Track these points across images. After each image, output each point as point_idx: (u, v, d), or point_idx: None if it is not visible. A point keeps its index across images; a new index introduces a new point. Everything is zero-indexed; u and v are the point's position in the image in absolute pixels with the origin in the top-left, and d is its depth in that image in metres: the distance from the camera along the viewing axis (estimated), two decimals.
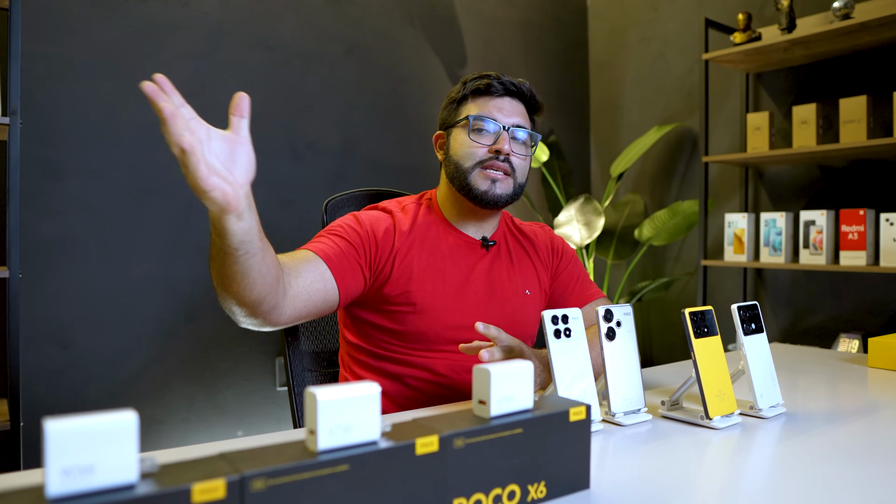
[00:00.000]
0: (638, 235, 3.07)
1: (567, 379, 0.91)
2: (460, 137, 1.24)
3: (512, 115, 1.24)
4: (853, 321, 2.61)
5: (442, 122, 1.31)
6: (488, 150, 1.21)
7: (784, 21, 2.50)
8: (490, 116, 1.22)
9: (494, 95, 1.24)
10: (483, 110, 1.23)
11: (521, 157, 1.24)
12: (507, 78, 1.25)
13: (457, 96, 1.28)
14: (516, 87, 1.25)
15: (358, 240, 1.18)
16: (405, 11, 2.92)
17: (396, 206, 1.28)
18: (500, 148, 1.20)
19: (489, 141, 1.22)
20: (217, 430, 2.44)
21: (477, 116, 1.22)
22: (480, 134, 1.23)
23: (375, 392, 0.59)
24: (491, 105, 1.23)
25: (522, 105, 1.27)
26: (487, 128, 1.22)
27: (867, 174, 2.57)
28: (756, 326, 1.04)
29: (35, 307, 2.10)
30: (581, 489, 0.70)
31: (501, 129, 1.22)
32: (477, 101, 1.25)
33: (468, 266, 1.25)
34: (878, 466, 0.80)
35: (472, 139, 1.22)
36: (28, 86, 2.04)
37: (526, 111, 1.28)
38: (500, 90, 1.24)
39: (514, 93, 1.25)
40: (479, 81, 1.25)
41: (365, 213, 1.25)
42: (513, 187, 1.24)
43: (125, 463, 0.47)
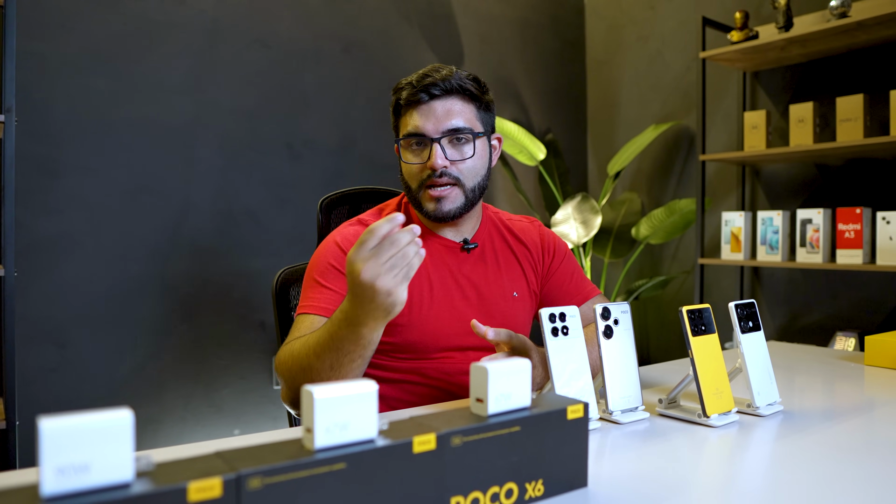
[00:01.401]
0: (635, 234, 3.07)
1: (564, 377, 0.91)
2: (402, 157, 1.19)
3: (443, 120, 1.14)
4: (849, 319, 2.61)
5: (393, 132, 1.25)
6: (423, 167, 1.15)
7: (781, 19, 2.50)
8: (416, 132, 1.15)
9: (422, 103, 1.15)
10: (411, 125, 1.15)
11: (462, 161, 1.16)
12: (429, 80, 1.14)
13: (392, 107, 1.21)
14: (441, 87, 1.14)
15: None
16: (402, 9, 2.91)
17: (375, 218, 1.23)
18: (433, 164, 1.13)
19: (423, 157, 1.15)
20: (213, 429, 2.43)
21: (405, 136, 1.16)
22: (415, 151, 1.17)
23: (372, 390, 0.58)
24: (417, 116, 1.15)
25: (457, 99, 1.16)
26: (420, 143, 1.16)
27: (864, 173, 2.58)
28: (753, 324, 1.04)
29: (30, 305, 2.10)
30: (579, 487, 0.70)
31: (431, 142, 1.14)
32: (408, 112, 1.17)
33: (452, 272, 1.22)
34: (875, 464, 0.80)
35: (406, 161, 1.17)
36: (23, 83, 2.03)
37: (466, 102, 1.17)
38: (424, 98, 1.14)
39: (441, 94, 1.15)
40: (401, 93, 1.17)
41: (346, 235, 1.18)
42: (463, 197, 1.17)
43: (121, 461, 0.47)
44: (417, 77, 1.17)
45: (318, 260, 1.17)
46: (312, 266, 1.17)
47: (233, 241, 2.48)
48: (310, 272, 1.17)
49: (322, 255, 1.17)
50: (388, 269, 0.85)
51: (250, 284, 2.50)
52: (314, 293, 1.13)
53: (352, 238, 1.17)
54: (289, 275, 1.41)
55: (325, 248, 1.18)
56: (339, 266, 1.14)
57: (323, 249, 1.18)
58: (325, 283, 1.13)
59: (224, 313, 2.46)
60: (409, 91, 1.16)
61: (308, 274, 1.17)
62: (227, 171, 2.47)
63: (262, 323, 2.53)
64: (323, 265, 1.15)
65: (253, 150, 2.52)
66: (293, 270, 1.42)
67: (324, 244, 1.19)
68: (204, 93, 2.42)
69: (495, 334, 1.00)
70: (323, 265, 1.15)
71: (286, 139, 2.60)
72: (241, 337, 2.50)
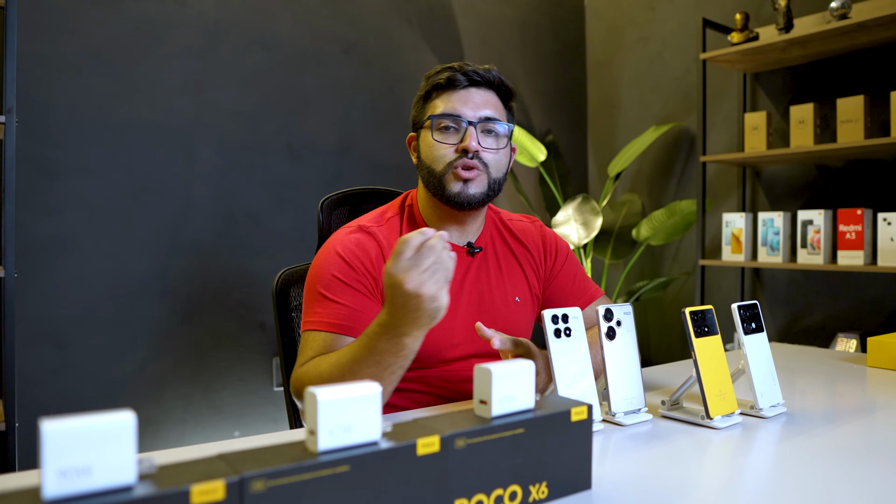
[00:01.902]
0: (636, 235, 3.07)
1: (567, 378, 0.91)
2: (427, 139, 1.17)
3: (480, 108, 1.15)
4: (851, 321, 2.61)
5: (412, 123, 1.23)
6: (455, 149, 1.14)
7: (781, 21, 2.50)
8: (454, 112, 1.14)
9: (459, 88, 1.15)
10: (447, 106, 1.15)
11: (493, 152, 1.16)
12: (471, 67, 1.16)
13: (422, 93, 1.20)
14: (481, 76, 1.16)
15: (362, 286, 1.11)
16: (402, 10, 2.91)
17: (378, 223, 1.19)
18: (468, 146, 1.12)
19: (456, 139, 1.14)
20: (214, 431, 2.43)
21: (439, 115, 1.14)
22: (446, 133, 1.15)
23: (376, 392, 0.58)
24: (455, 99, 1.15)
25: (493, 94, 1.18)
26: (453, 125, 1.14)
27: (864, 174, 2.58)
28: (756, 326, 1.04)
29: (31, 307, 2.09)
30: (582, 489, 0.70)
31: (467, 124, 1.14)
32: (441, 96, 1.16)
33: (457, 279, 1.20)
34: (878, 466, 0.79)
35: (437, 140, 1.15)
36: (24, 84, 2.03)
37: (498, 100, 1.19)
38: (464, 82, 1.15)
39: (481, 82, 1.16)
40: (440, 76, 1.16)
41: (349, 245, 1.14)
42: (487, 184, 1.16)
43: (123, 464, 0.47)
44: (458, 63, 1.18)
45: (320, 271, 1.13)
46: (315, 277, 1.13)
47: (233, 241, 2.48)
48: (312, 284, 1.13)
49: (324, 267, 1.13)
50: (430, 276, 0.86)
51: (250, 285, 2.50)
52: (321, 308, 1.09)
53: (353, 246, 1.13)
54: (289, 276, 1.40)
55: (327, 259, 1.14)
56: (344, 278, 1.11)
57: (324, 260, 1.14)
58: (331, 296, 1.10)
59: (224, 314, 2.46)
60: (449, 73, 1.16)
61: (310, 285, 1.13)
62: (227, 172, 2.46)
63: (262, 324, 2.53)
64: (327, 277, 1.11)
65: (253, 150, 2.52)
66: (293, 271, 1.42)
67: (324, 253, 1.15)
68: (204, 94, 2.42)
69: (500, 342, 0.99)
70: (327, 277, 1.11)
71: (286, 140, 2.60)
72: (242, 338, 2.50)
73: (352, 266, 1.11)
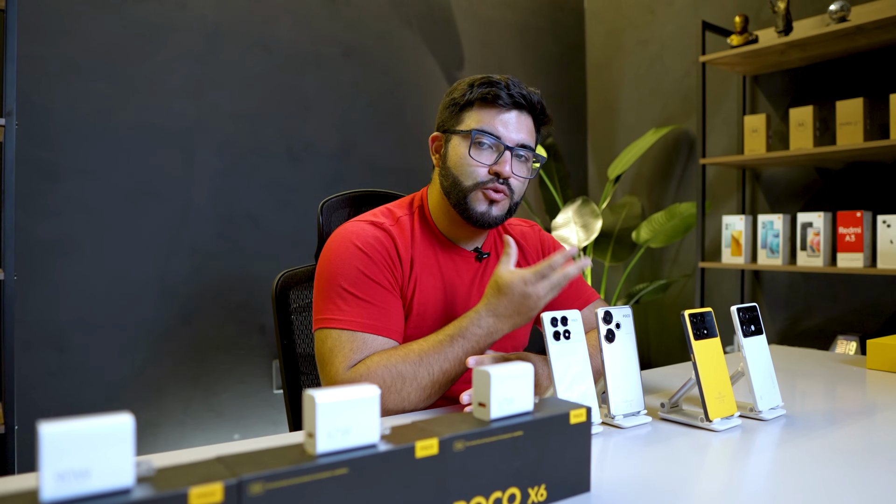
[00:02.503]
0: (635, 237, 3.07)
1: (566, 381, 0.91)
2: (460, 150, 1.14)
3: (518, 132, 1.14)
4: (850, 323, 2.61)
5: (441, 124, 1.20)
6: (489, 170, 1.12)
7: (781, 24, 2.50)
8: (494, 132, 1.12)
9: (502, 107, 1.13)
10: (487, 123, 1.12)
11: (522, 178, 1.16)
12: (516, 89, 1.13)
13: (460, 100, 1.16)
14: (526, 99, 1.14)
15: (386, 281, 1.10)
16: (403, 13, 2.92)
17: (390, 220, 1.18)
18: (501, 171, 1.11)
19: (490, 159, 1.13)
20: (213, 433, 2.43)
21: (480, 130, 1.12)
22: (481, 150, 1.13)
23: (375, 394, 0.58)
24: (496, 119, 1.13)
25: (531, 118, 1.17)
26: (490, 144, 1.13)
27: (864, 176, 2.58)
28: (755, 328, 1.04)
29: (30, 309, 2.09)
30: (581, 492, 0.70)
31: (505, 149, 1.12)
32: (482, 111, 1.13)
33: (466, 283, 1.21)
34: (878, 468, 0.79)
35: (472, 157, 1.12)
36: (24, 87, 2.03)
37: (534, 125, 1.18)
38: (508, 103, 1.13)
39: (523, 106, 1.14)
40: (486, 90, 1.13)
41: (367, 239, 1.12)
42: (508, 207, 1.16)
43: (121, 467, 0.47)
44: (504, 79, 1.15)
45: (341, 265, 1.10)
46: (335, 271, 1.10)
47: (233, 244, 2.48)
48: (333, 278, 1.09)
49: (346, 260, 1.10)
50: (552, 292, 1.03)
51: (250, 288, 2.50)
52: (351, 306, 1.07)
53: (371, 240, 1.12)
54: (289, 278, 1.40)
55: (347, 251, 1.11)
56: (369, 273, 1.09)
57: (344, 252, 1.11)
58: (359, 294, 1.08)
59: (224, 317, 2.46)
60: (495, 90, 1.13)
61: (331, 279, 1.10)
62: (227, 175, 2.46)
63: (262, 327, 2.53)
64: (351, 272, 1.09)
65: (253, 153, 2.52)
66: (293, 274, 1.42)
67: (341, 246, 1.12)
68: (204, 96, 2.42)
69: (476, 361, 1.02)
70: (351, 272, 1.09)
71: (286, 143, 2.60)
72: (241, 341, 2.49)
73: (374, 260, 1.10)
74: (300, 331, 1.40)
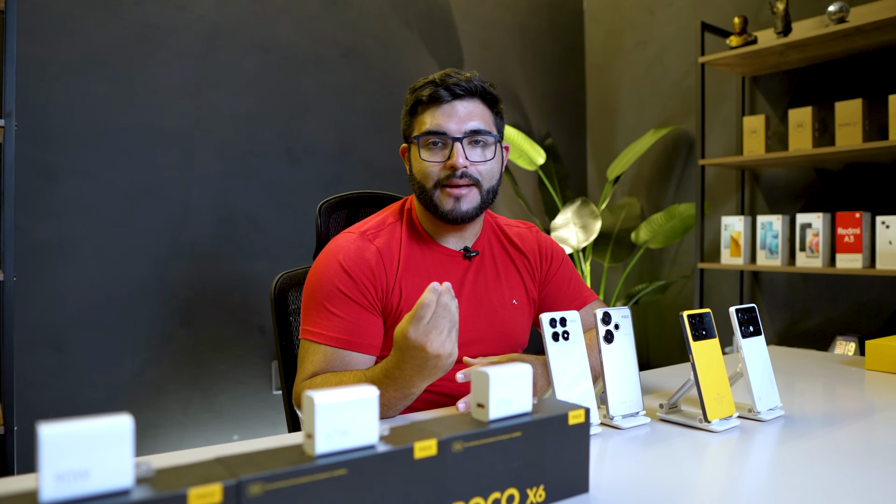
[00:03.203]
0: (635, 238, 3.07)
1: (565, 382, 0.91)
2: (416, 155, 1.17)
3: (465, 120, 1.14)
4: (849, 324, 2.61)
5: (402, 134, 1.24)
6: (443, 166, 1.14)
7: (780, 25, 2.50)
8: (438, 129, 1.14)
9: (443, 102, 1.15)
10: (431, 123, 1.14)
11: (482, 163, 1.16)
12: (452, 80, 1.15)
13: (408, 108, 1.20)
14: (464, 87, 1.15)
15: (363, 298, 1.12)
16: (402, 14, 2.92)
17: (380, 227, 1.20)
18: (455, 163, 1.12)
19: (443, 156, 1.14)
20: (212, 434, 2.43)
21: (425, 133, 1.15)
22: (433, 150, 1.15)
23: (374, 395, 0.58)
24: (439, 115, 1.14)
25: (478, 102, 1.17)
26: (439, 141, 1.14)
27: (863, 177, 2.58)
28: (754, 329, 1.04)
29: (29, 310, 2.09)
30: (580, 493, 0.70)
31: (452, 141, 1.14)
32: (427, 111, 1.16)
33: (454, 281, 1.20)
34: (876, 469, 0.79)
35: (425, 158, 1.15)
36: (23, 88, 2.03)
37: (484, 107, 1.18)
38: (447, 97, 1.14)
39: (464, 94, 1.16)
40: (422, 91, 1.16)
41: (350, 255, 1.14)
42: (480, 198, 1.16)
43: (120, 467, 0.47)
44: (440, 76, 1.16)
45: (322, 281, 1.13)
46: (316, 286, 1.13)
47: (232, 245, 2.48)
48: (314, 292, 1.13)
49: (327, 277, 1.13)
50: (447, 336, 0.92)
51: (249, 289, 2.50)
52: (323, 320, 1.10)
53: (354, 255, 1.14)
54: (287, 279, 1.41)
55: (329, 269, 1.14)
56: (345, 290, 1.11)
57: (326, 269, 1.14)
58: (333, 309, 1.11)
59: (223, 318, 2.46)
60: (431, 89, 1.15)
61: (311, 293, 1.14)
62: (226, 176, 2.47)
63: (261, 327, 2.53)
64: (329, 288, 1.12)
65: (252, 154, 2.52)
66: (292, 275, 1.42)
67: (326, 262, 1.15)
68: (204, 97, 2.42)
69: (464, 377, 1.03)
70: (329, 288, 1.12)
71: (286, 144, 2.60)
72: (241, 342, 2.49)
73: (353, 277, 1.12)
74: (298, 332, 1.40)
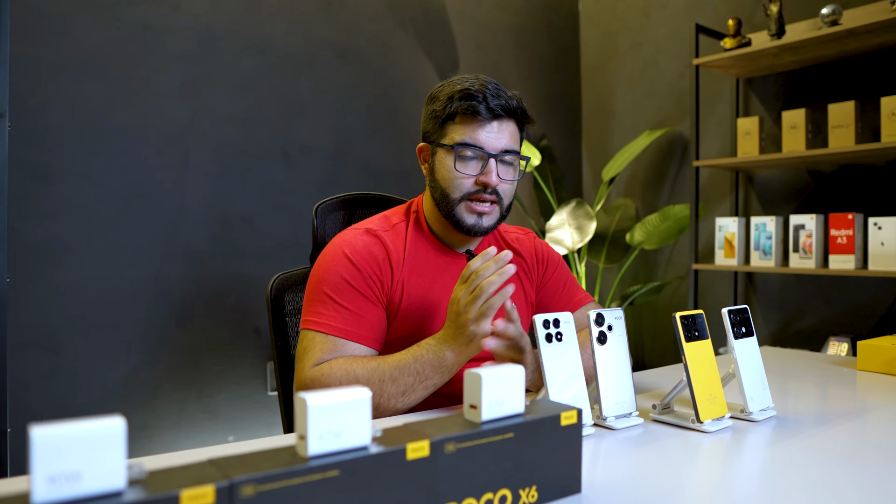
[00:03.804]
0: (629, 239, 3.08)
1: (558, 383, 0.91)
2: (446, 163, 1.16)
3: (500, 140, 1.15)
4: (842, 324, 2.62)
5: (425, 135, 1.22)
6: (475, 181, 1.15)
7: (773, 27, 2.51)
8: (477, 144, 1.14)
9: (482, 120, 1.15)
10: (469, 136, 1.14)
11: (510, 183, 1.19)
12: (495, 101, 1.14)
13: (441, 113, 1.17)
14: (504, 108, 1.16)
15: (369, 291, 1.13)
16: (397, 16, 2.92)
17: (385, 227, 1.21)
18: (488, 181, 1.14)
19: (475, 170, 1.15)
20: (208, 436, 2.42)
21: (462, 144, 1.14)
22: (466, 163, 1.15)
23: (366, 397, 0.58)
24: (478, 130, 1.14)
25: (513, 123, 1.19)
26: (474, 155, 1.15)
27: (856, 178, 2.59)
28: (746, 330, 1.04)
29: (23, 311, 2.09)
30: (572, 493, 0.70)
31: (489, 158, 1.14)
32: (464, 124, 1.15)
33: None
34: (867, 468, 0.80)
35: (458, 170, 1.15)
36: (17, 88, 2.03)
37: (517, 128, 1.20)
38: (488, 117, 1.14)
39: (503, 115, 1.16)
40: (465, 104, 1.14)
41: (357, 248, 1.15)
42: (500, 214, 1.19)
43: (112, 469, 0.47)
44: (480, 87, 1.15)
45: (327, 271, 1.13)
46: (321, 277, 1.13)
47: (227, 246, 2.47)
48: (318, 283, 1.13)
49: (332, 267, 1.13)
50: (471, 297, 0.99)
51: (245, 290, 2.49)
52: (328, 310, 1.10)
53: (361, 249, 1.14)
54: (283, 280, 1.41)
55: (335, 260, 1.14)
56: (352, 281, 1.12)
57: (332, 260, 1.14)
58: (339, 299, 1.10)
59: (218, 319, 2.45)
60: (474, 106, 1.14)
61: (316, 284, 1.13)
62: (221, 177, 2.46)
63: (256, 329, 2.52)
64: (335, 279, 1.12)
65: (248, 155, 2.52)
66: (288, 276, 1.42)
67: (332, 254, 1.15)
68: (199, 98, 2.42)
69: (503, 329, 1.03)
70: (335, 279, 1.12)
71: (281, 145, 2.60)
72: (236, 343, 2.49)
73: (360, 269, 1.13)
74: (294, 333, 1.40)
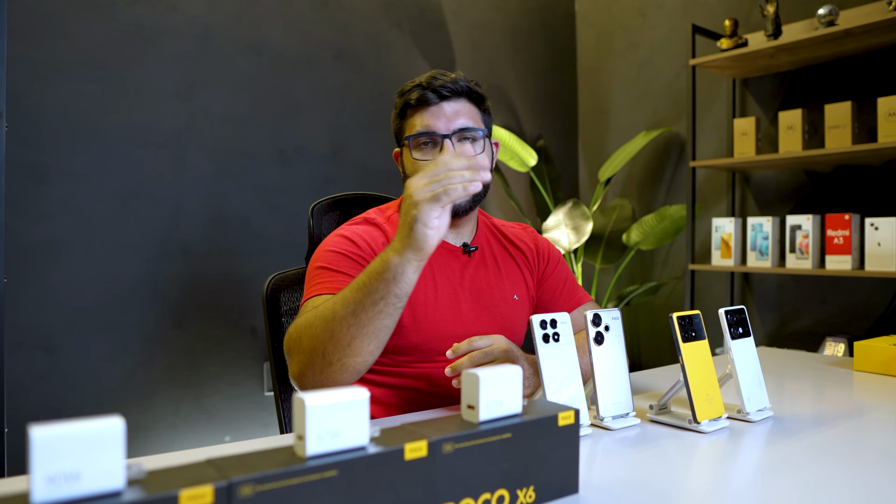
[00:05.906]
0: (626, 240, 3.09)
1: (556, 383, 0.91)
2: (408, 156, 1.21)
3: (453, 119, 1.19)
4: (839, 325, 2.63)
5: (395, 137, 1.28)
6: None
7: (770, 27, 2.52)
8: (427, 129, 1.18)
9: (431, 104, 1.19)
10: (421, 124, 1.19)
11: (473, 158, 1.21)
12: (438, 82, 1.19)
13: (398, 112, 1.24)
14: (450, 89, 1.19)
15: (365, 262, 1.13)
16: (394, 16, 2.92)
17: (382, 217, 1.24)
18: None
19: (434, 154, 1.18)
20: (204, 436, 2.42)
21: (414, 135, 1.19)
22: (425, 149, 1.19)
23: (364, 397, 0.59)
24: (428, 116, 1.19)
25: (465, 101, 1.21)
26: (430, 141, 1.19)
27: (852, 179, 2.60)
28: (743, 330, 1.05)
29: (20, 312, 2.08)
30: (570, 494, 0.70)
31: (442, 139, 1.18)
32: (416, 113, 1.20)
33: (455, 275, 1.23)
34: (864, 469, 0.80)
35: (416, 158, 1.19)
36: (14, 88, 2.02)
37: (471, 105, 1.22)
38: (434, 99, 1.19)
39: (452, 95, 1.20)
40: (410, 95, 1.20)
41: (354, 230, 1.19)
42: None
43: (111, 469, 0.47)
44: (426, 79, 1.20)
45: (325, 252, 1.15)
46: (320, 256, 1.16)
47: (224, 246, 2.47)
48: (316, 262, 1.15)
49: (330, 247, 1.16)
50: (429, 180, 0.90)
51: (241, 290, 2.49)
52: (325, 277, 1.11)
53: (361, 232, 1.18)
54: (279, 280, 1.41)
55: (333, 241, 1.17)
56: (347, 253, 1.14)
57: (330, 242, 1.17)
58: (335, 267, 1.12)
59: (215, 319, 2.45)
60: (418, 92, 1.19)
61: (314, 263, 1.16)
62: (218, 177, 2.46)
63: (253, 329, 2.52)
64: (331, 255, 1.14)
65: (244, 155, 2.52)
66: (284, 276, 1.42)
67: (331, 238, 1.19)
68: (195, 99, 2.42)
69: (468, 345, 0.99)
70: (331, 255, 1.14)
71: (278, 145, 2.60)
72: (233, 343, 2.49)
73: (357, 244, 1.16)
74: None
